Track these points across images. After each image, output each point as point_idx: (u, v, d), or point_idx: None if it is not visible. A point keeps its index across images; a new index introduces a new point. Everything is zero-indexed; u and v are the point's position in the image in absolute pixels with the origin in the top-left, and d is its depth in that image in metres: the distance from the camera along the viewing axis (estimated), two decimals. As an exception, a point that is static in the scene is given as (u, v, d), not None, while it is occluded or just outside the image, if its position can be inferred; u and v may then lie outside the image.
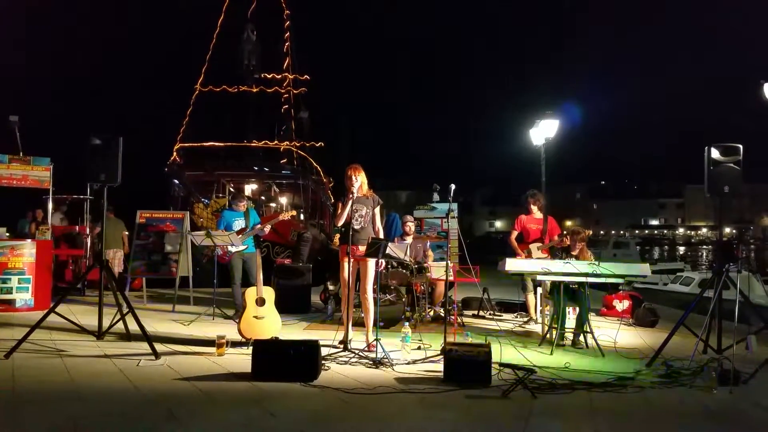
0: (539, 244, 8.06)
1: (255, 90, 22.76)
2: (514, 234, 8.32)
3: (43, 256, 8.65)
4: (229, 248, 7.77)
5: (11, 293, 8.29)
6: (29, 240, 8.87)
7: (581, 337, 6.49)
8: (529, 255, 8.00)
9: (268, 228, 8.01)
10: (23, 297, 8.36)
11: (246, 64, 22.65)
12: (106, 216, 6.97)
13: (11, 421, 3.79)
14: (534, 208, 8.27)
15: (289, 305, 8.19)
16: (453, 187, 6.34)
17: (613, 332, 6.76)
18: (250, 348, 5.06)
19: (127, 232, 10.99)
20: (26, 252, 8.46)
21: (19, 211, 12.46)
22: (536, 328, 7.60)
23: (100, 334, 6.21)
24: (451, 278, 6.97)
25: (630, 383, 4.85)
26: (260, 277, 6.18)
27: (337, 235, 9.34)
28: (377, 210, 6.27)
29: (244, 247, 7.87)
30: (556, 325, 6.44)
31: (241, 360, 5.35)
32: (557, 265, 6.35)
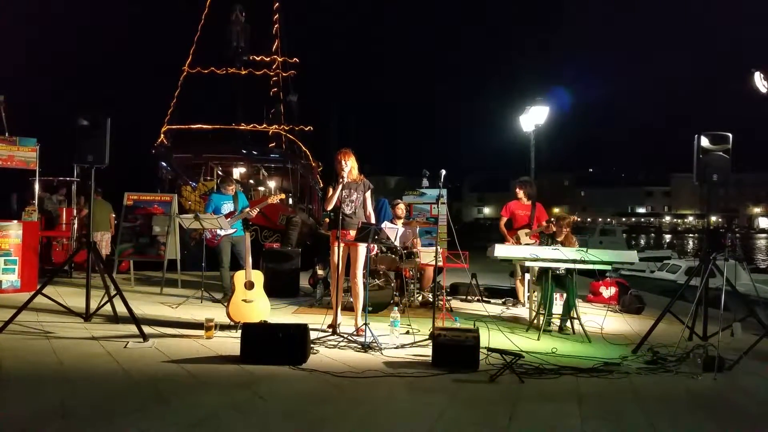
0: (527, 230, 8.11)
1: (244, 72, 22.52)
2: (504, 220, 8.38)
3: (30, 238, 8.56)
4: (218, 232, 7.74)
5: (-3, 274, 8.22)
6: (15, 221, 8.78)
7: (568, 323, 6.56)
8: (517, 241, 8.06)
9: (255, 212, 7.99)
10: (9, 278, 8.29)
11: (234, 45, 22.36)
12: (93, 198, 6.90)
13: (-2, 403, 3.76)
14: (521, 194, 8.32)
15: (278, 289, 8.21)
16: (443, 172, 6.34)
17: (599, 319, 6.83)
18: (239, 331, 5.05)
19: (114, 215, 10.92)
20: (12, 233, 8.37)
21: (3, 192, 12.33)
22: (524, 313, 7.65)
23: (87, 316, 6.19)
24: (440, 264, 6.99)
25: (616, 369, 4.90)
26: (249, 260, 6.16)
27: (327, 219, 9.33)
28: (368, 194, 6.26)
29: (233, 230, 7.83)
30: (543, 311, 6.49)
31: (229, 343, 5.35)
32: (546, 252, 6.39)
